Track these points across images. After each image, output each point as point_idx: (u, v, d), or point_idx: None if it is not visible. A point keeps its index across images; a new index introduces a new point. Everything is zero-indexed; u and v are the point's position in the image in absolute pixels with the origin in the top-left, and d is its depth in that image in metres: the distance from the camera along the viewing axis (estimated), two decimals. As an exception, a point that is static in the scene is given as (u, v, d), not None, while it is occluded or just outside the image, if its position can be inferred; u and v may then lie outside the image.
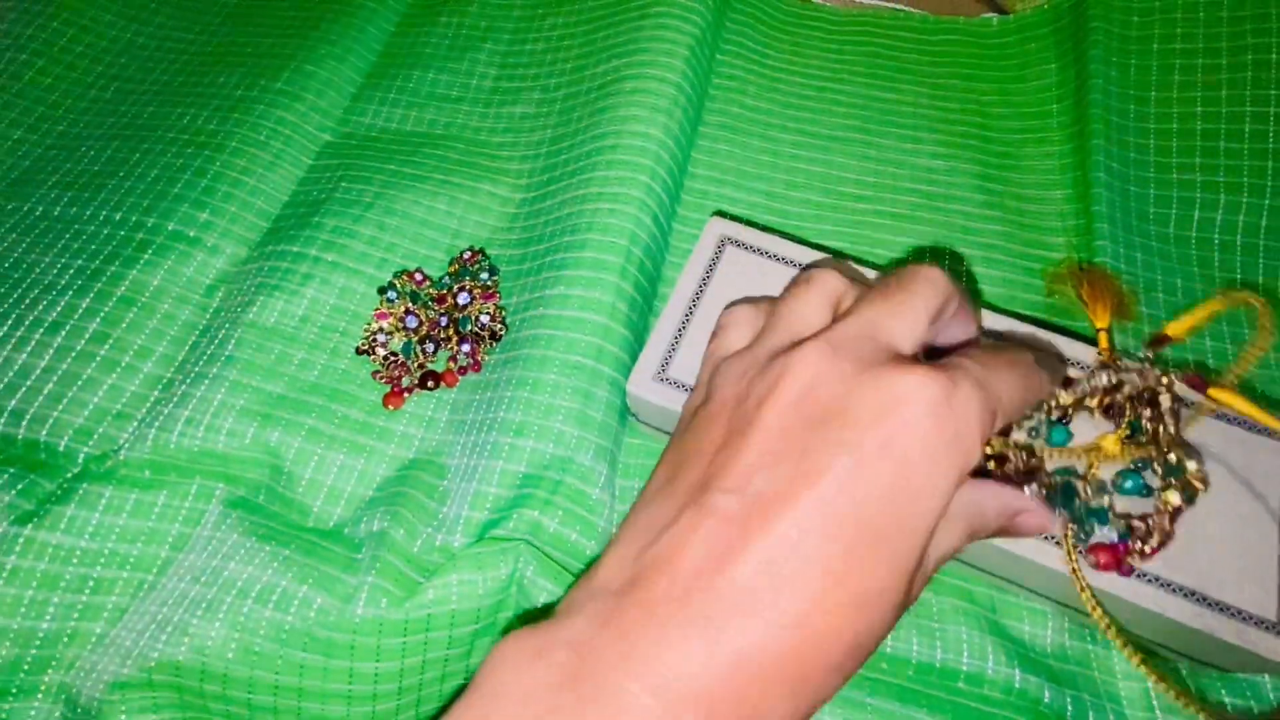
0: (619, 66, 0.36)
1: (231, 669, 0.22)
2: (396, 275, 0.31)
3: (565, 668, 0.15)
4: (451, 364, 0.29)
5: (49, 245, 0.31)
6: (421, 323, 0.29)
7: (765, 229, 0.28)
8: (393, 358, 0.29)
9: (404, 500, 0.26)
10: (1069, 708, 0.23)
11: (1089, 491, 0.21)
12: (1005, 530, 0.20)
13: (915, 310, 0.18)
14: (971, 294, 0.31)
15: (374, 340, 0.29)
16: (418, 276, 0.31)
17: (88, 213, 0.32)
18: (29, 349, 0.28)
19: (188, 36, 0.41)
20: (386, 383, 0.29)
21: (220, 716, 0.23)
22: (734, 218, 0.29)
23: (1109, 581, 0.22)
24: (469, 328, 0.29)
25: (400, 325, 0.30)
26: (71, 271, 0.30)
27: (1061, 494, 0.21)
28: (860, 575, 0.15)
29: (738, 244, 0.27)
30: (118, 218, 0.32)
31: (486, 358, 0.29)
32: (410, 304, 0.30)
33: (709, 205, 0.34)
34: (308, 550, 0.24)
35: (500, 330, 0.29)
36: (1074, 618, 0.25)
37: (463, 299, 0.29)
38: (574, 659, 0.15)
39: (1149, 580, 0.22)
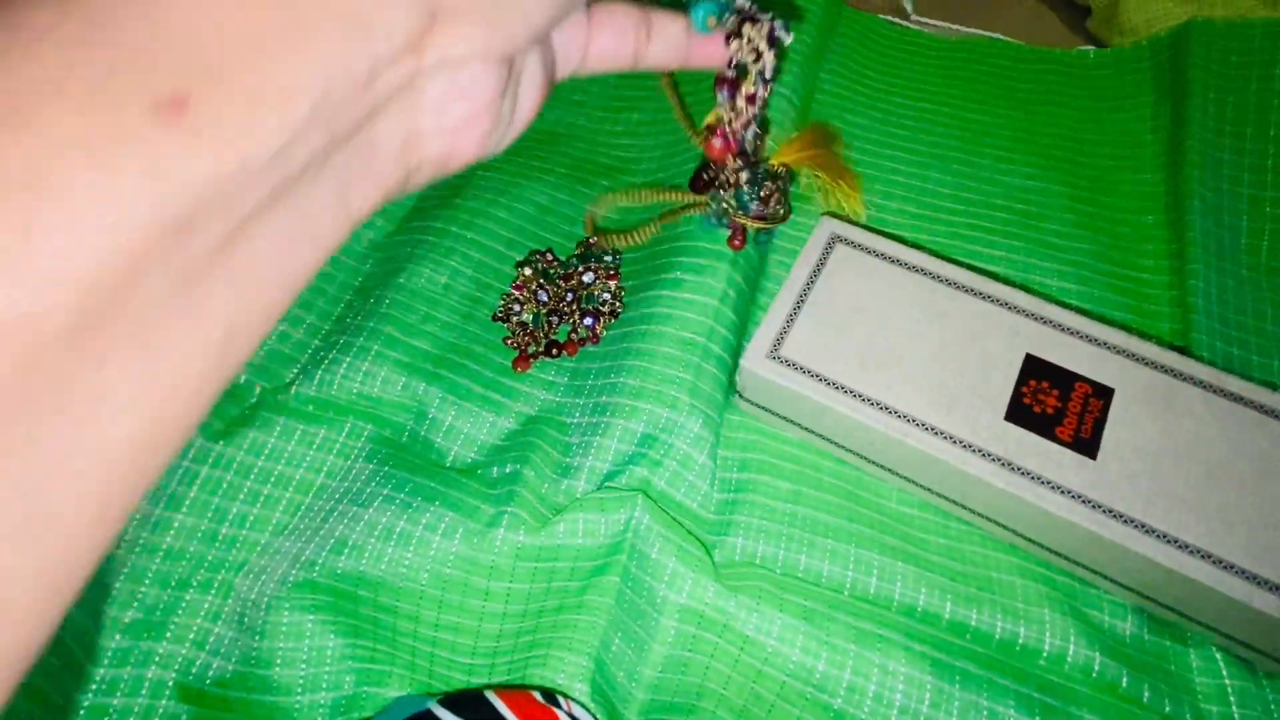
0: (734, 79, 0.39)
1: (385, 578, 0.25)
2: (531, 254, 0.34)
3: None
4: (573, 335, 0.32)
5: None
6: (550, 297, 0.33)
7: (873, 230, 0.30)
8: (522, 327, 0.32)
9: (532, 449, 0.29)
10: (1145, 694, 0.25)
11: None
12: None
13: None
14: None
15: (509, 310, 0.32)
16: (548, 256, 0.34)
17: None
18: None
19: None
20: (515, 348, 0.32)
21: (368, 622, 0.26)
22: (843, 218, 0.31)
23: (1207, 574, 0.23)
24: (592, 304, 0.32)
25: (532, 298, 0.33)
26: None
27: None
28: None
29: (847, 242, 0.30)
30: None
31: (604, 332, 0.32)
32: (542, 280, 0.33)
33: (808, 209, 0.37)
34: (449, 483, 0.27)
35: (619, 308, 0.32)
36: (1153, 612, 0.26)
37: (587, 278, 0.33)
38: None
39: (1237, 573, 0.23)
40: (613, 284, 0.33)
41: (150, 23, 0.11)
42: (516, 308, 0.33)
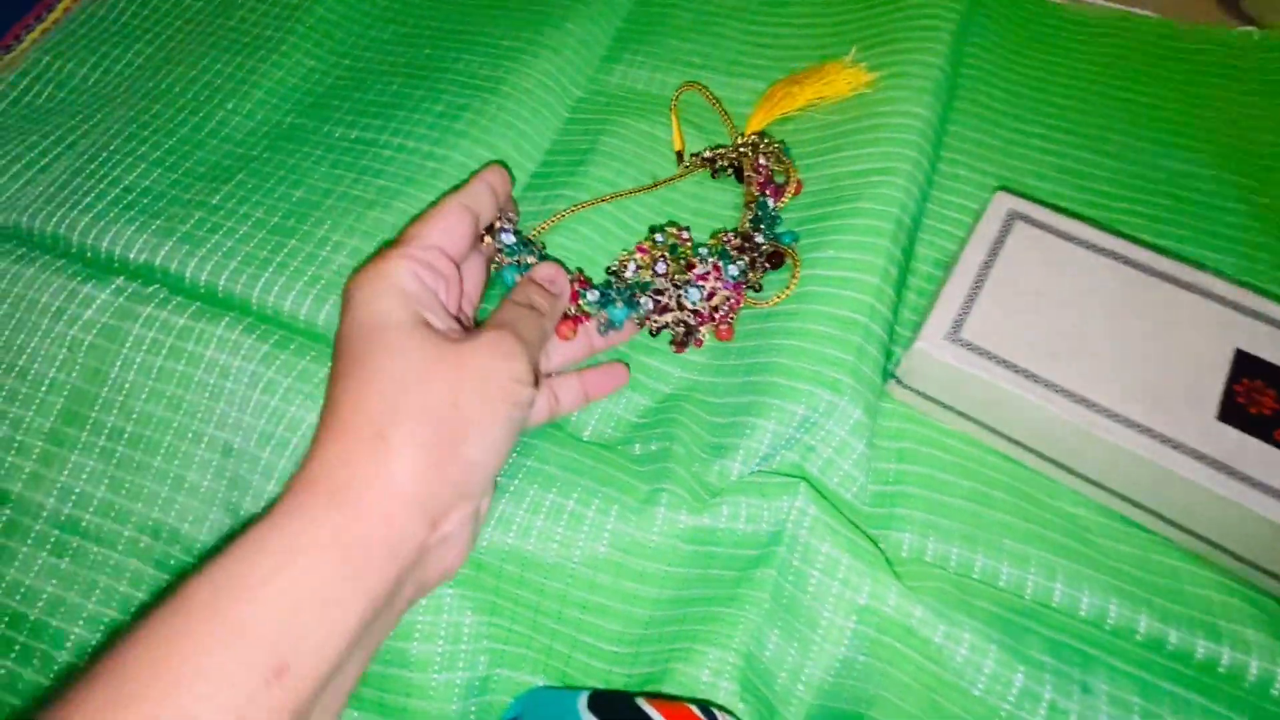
0: (876, 54, 0.36)
1: (535, 554, 0.24)
2: (666, 225, 0.32)
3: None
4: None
5: (350, 164, 0.34)
6: (666, 272, 0.30)
7: (1058, 209, 0.28)
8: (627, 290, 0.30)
9: (676, 425, 0.27)
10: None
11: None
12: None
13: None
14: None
15: (624, 265, 0.30)
16: (684, 235, 0.32)
17: (382, 139, 0.35)
18: (345, 253, 0.31)
19: (453, -9, 0.44)
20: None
21: (508, 599, 0.25)
22: (1020, 194, 0.29)
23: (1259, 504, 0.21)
24: (694, 304, 0.29)
25: (650, 266, 0.31)
26: (374, 189, 0.33)
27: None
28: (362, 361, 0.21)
29: (1027, 220, 0.28)
30: (410, 145, 0.35)
31: (703, 340, 0.30)
32: (668, 254, 0.31)
33: (956, 187, 0.34)
34: (597, 458, 0.26)
35: (720, 331, 0.29)
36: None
37: (693, 295, 0.29)
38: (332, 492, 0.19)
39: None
40: (725, 304, 0.29)
41: (256, 616, 0.17)
42: (631, 267, 0.30)
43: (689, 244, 0.32)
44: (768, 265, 0.31)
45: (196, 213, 0.32)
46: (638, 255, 0.31)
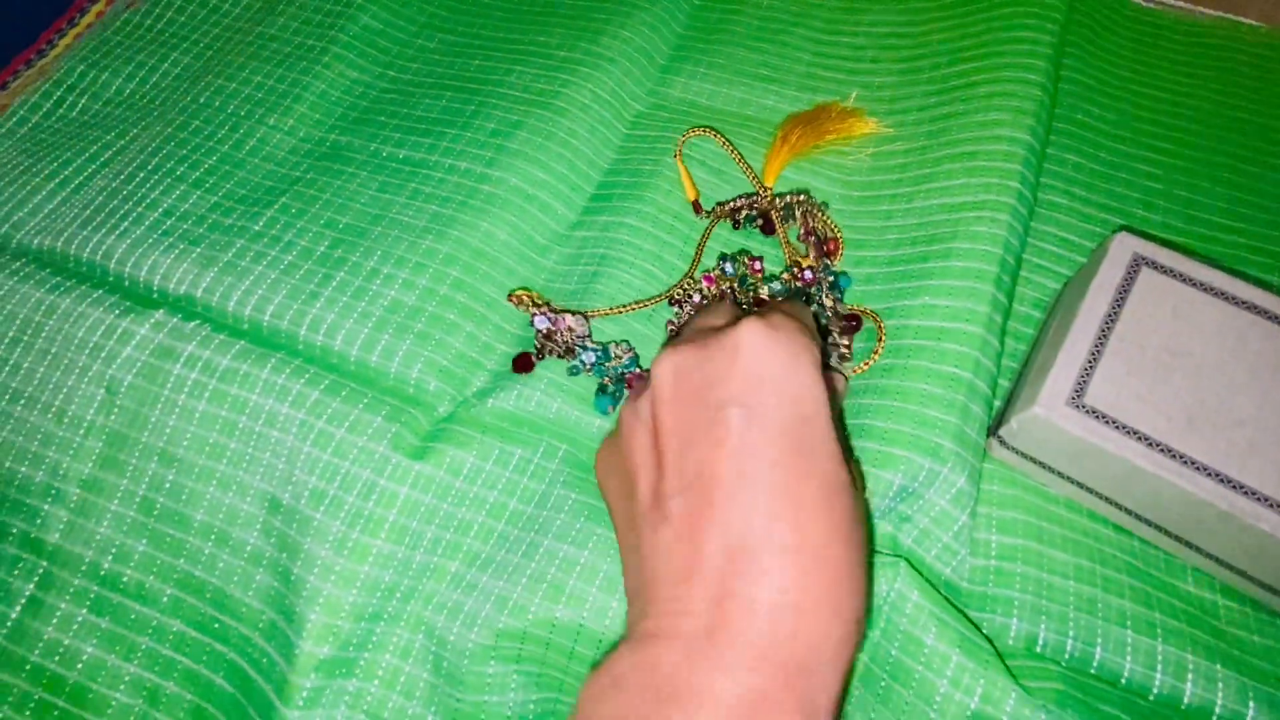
0: (968, 70, 0.33)
1: (609, 634, 0.22)
2: (738, 254, 0.30)
3: (643, 695, 0.16)
4: None
5: (399, 187, 0.32)
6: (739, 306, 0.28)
7: (1190, 253, 0.25)
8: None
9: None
10: None
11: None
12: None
13: (723, 305, 0.23)
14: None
15: (688, 295, 0.28)
16: (756, 265, 0.29)
17: (432, 159, 0.33)
18: (396, 286, 0.29)
19: (501, -5, 0.41)
20: (672, 332, 0.28)
21: (576, 679, 0.23)
22: (1146, 235, 0.26)
23: None
24: None
25: (716, 298, 0.29)
26: (426, 216, 0.31)
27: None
28: (807, 479, 0.18)
29: (1155, 266, 0.25)
30: (462, 167, 0.32)
31: None
32: (736, 286, 0.29)
33: (1055, 216, 0.32)
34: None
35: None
36: None
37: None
38: (646, 685, 0.16)
39: None
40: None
41: None
42: (697, 298, 0.28)
43: (760, 275, 0.29)
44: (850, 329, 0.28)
45: (238, 240, 0.30)
46: (705, 286, 0.29)
